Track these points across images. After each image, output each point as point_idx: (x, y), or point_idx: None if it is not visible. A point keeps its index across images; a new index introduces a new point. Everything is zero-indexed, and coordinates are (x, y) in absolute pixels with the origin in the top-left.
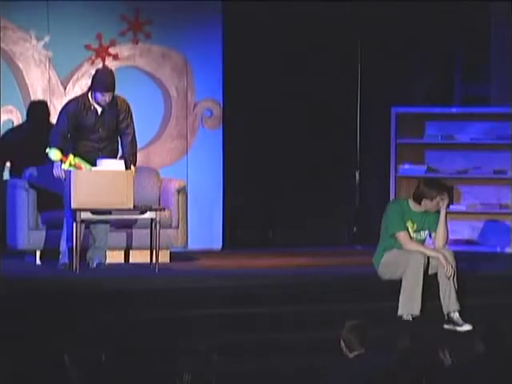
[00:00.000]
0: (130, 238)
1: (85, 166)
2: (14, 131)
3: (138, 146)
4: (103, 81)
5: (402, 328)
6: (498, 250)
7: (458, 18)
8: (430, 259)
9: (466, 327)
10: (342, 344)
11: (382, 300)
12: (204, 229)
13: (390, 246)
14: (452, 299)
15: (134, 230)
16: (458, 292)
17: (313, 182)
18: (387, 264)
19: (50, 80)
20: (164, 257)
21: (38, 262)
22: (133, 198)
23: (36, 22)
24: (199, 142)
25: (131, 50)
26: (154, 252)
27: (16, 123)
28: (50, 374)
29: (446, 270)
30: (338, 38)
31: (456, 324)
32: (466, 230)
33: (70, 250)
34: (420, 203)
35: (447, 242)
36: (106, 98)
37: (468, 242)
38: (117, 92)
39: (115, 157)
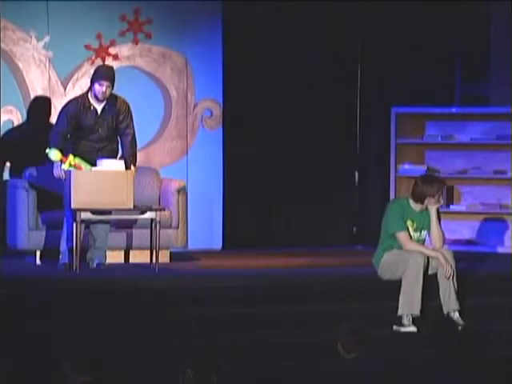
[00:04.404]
0: (130, 238)
1: (85, 166)
2: (14, 131)
3: (138, 146)
4: (102, 70)
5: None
6: (498, 250)
7: (458, 17)
8: (430, 259)
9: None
10: (340, 347)
11: (382, 300)
12: (204, 229)
13: (389, 246)
14: (452, 299)
15: (133, 230)
16: (457, 292)
17: (313, 181)
18: (387, 264)
19: (50, 80)
20: (164, 257)
21: (38, 262)
22: (133, 197)
23: (36, 22)
24: (199, 142)
25: (131, 49)
26: (154, 252)
27: (16, 123)
28: (50, 374)
29: (445, 270)
30: (338, 38)
31: (457, 323)
32: (466, 230)
33: (70, 250)
34: (422, 202)
35: (444, 241)
36: (103, 88)
37: (468, 242)
38: (117, 92)
39: (115, 157)
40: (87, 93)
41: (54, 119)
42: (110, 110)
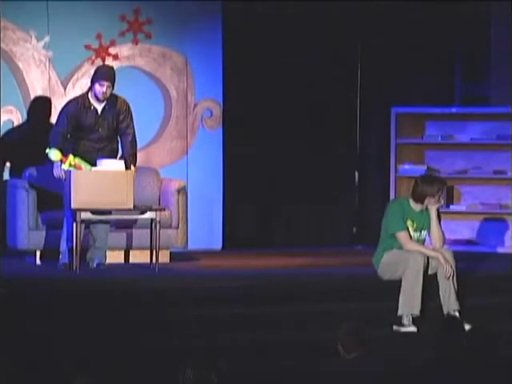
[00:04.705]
0: (130, 238)
1: (85, 166)
2: (14, 131)
3: (138, 146)
4: (102, 71)
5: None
6: (498, 250)
7: (457, 17)
8: (430, 259)
9: (466, 327)
10: (340, 346)
11: (382, 300)
12: (204, 229)
13: (389, 246)
14: (452, 299)
15: (133, 230)
16: (457, 292)
17: (313, 181)
18: (387, 264)
19: (50, 80)
20: (164, 257)
21: (38, 262)
22: (133, 197)
23: (36, 22)
24: (199, 142)
25: (131, 49)
26: (154, 252)
27: (16, 123)
28: (50, 374)
29: (444, 270)
30: (338, 38)
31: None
32: (465, 230)
33: (70, 250)
34: (422, 202)
35: (444, 241)
36: (104, 88)
37: (468, 242)
38: (117, 92)
39: (115, 157)
40: (87, 93)
41: (54, 119)
42: (110, 110)
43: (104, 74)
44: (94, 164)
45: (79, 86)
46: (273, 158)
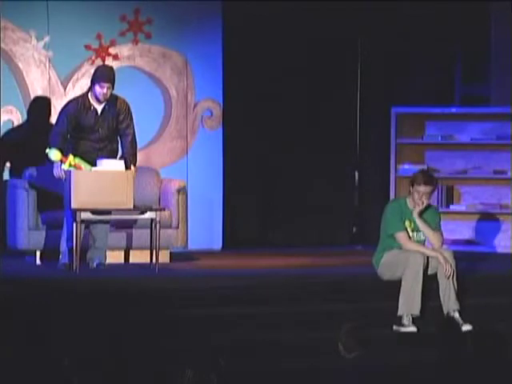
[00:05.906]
0: (130, 238)
1: (85, 166)
2: (14, 131)
3: (138, 146)
4: (102, 72)
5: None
6: (498, 250)
7: (457, 17)
8: (430, 259)
9: (466, 327)
10: (340, 346)
11: (382, 300)
12: (204, 229)
13: (389, 246)
14: (452, 299)
15: (133, 230)
16: (457, 292)
17: (312, 181)
18: (387, 264)
19: (50, 80)
20: (164, 257)
21: (38, 262)
22: (133, 197)
23: (36, 22)
24: (199, 142)
25: (131, 50)
26: (154, 252)
27: (16, 123)
28: (50, 374)
29: (444, 269)
30: (337, 38)
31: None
32: (465, 230)
33: (70, 250)
34: (410, 192)
35: (443, 241)
36: (104, 89)
37: (468, 242)
38: (117, 92)
39: (115, 157)
40: (87, 93)
41: (53, 119)
42: (110, 110)
43: (104, 75)
44: (93, 164)
45: (79, 86)
46: (273, 158)
